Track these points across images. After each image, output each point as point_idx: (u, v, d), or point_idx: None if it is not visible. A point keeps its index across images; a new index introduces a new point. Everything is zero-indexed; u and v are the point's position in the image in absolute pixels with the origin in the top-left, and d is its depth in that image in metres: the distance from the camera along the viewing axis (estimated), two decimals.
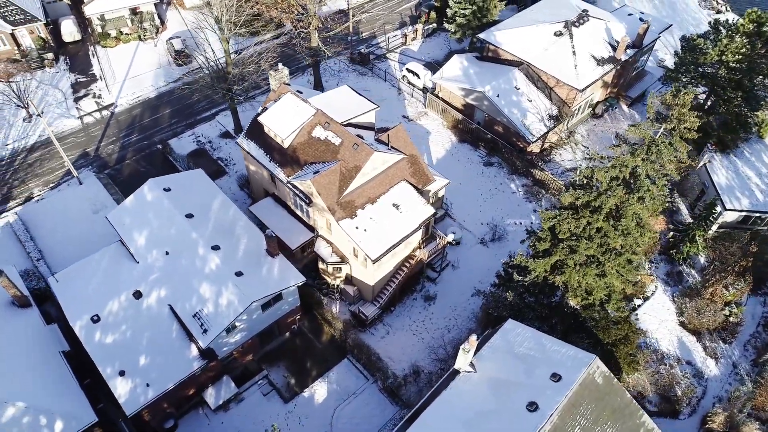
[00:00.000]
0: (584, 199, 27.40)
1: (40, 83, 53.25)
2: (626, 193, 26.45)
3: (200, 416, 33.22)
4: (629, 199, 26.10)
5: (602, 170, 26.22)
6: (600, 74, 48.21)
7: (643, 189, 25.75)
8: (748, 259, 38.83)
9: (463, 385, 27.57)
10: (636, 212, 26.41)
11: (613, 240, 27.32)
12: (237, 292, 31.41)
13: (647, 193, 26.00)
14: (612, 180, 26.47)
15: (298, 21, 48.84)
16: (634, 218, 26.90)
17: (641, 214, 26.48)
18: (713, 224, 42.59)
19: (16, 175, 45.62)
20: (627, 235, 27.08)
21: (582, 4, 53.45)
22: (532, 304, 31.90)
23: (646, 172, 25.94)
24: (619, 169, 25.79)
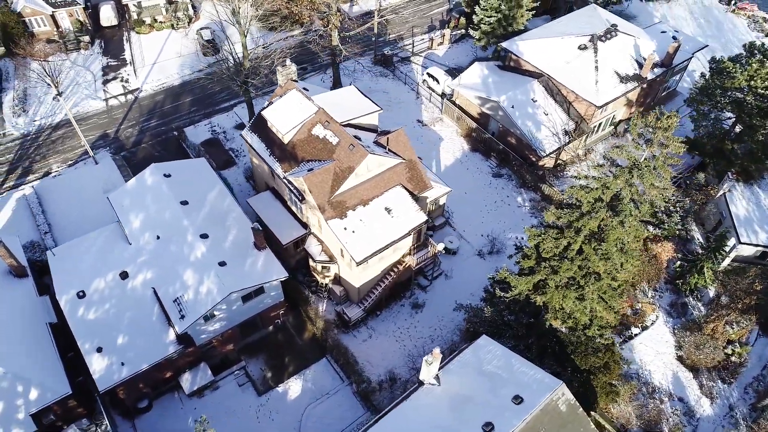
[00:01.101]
0: (566, 219, 26.49)
1: (73, 64, 55.50)
2: (610, 217, 25.40)
3: (175, 400, 33.85)
4: (611, 223, 25.06)
5: (584, 191, 25.26)
6: (622, 92, 46.58)
7: (624, 213, 24.65)
8: (751, 297, 36.71)
9: (425, 397, 27.14)
10: (619, 237, 25.34)
11: (593, 263, 26.29)
12: (217, 281, 31.85)
13: (629, 217, 24.87)
14: (596, 201, 25.47)
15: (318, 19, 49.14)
16: (618, 243, 25.82)
17: (623, 239, 25.37)
18: (725, 257, 40.52)
19: (38, 151, 47.64)
20: (607, 260, 26.01)
21: (614, 18, 51.74)
22: (510, 321, 31.10)
23: (629, 195, 24.82)
24: (601, 191, 24.79)
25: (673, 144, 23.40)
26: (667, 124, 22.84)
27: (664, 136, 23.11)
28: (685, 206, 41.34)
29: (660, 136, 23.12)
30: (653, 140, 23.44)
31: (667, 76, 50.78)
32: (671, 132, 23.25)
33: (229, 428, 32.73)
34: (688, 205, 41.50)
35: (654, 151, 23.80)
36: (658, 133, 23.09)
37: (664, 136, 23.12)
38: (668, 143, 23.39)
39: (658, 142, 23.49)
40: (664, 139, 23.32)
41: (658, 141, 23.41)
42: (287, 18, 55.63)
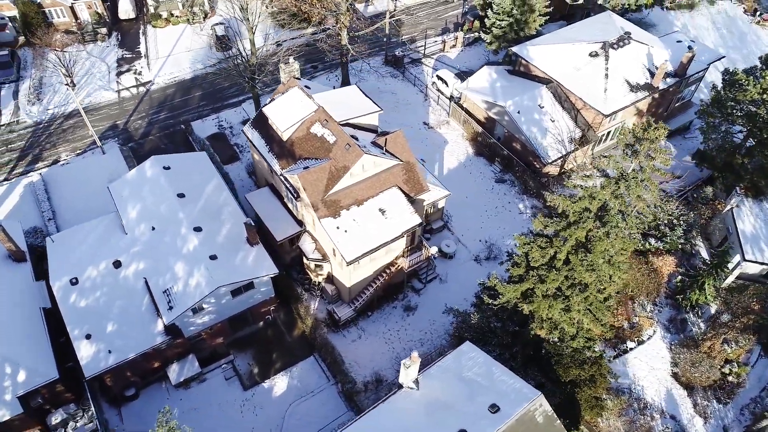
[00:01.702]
0: (553, 228, 26.05)
1: (89, 55, 56.56)
2: (597, 228, 24.91)
3: (162, 390, 34.21)
4: (598, 234, 24.56)
5: (570, 200, 24.80)
6: (632, 101, 45.71)
7: (610, 224, 24.12)
8: (749, 316, 35.67)
9: (402, 401, 26.95)
10: (605, 249, 24.82)
11: (579, 274, 25.81)
12: (207, 274, 32.09)
13: (614, 229, 24.33)
14: (584, 211, 25.00)
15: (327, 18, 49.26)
16: (605, 255, 25.29)
17: (609, 251, 24.83)
18: (729, 274, 39.47)
19: (49, 139, 48.63)
20: (592, 271, 25.50)
21: (628, 26, 50.80)
22: (496, 329, 30.71)
23: (617, 207, 24.29)
24: (588, 201, 24.31)
25: (660, 156, 22.81)
26: (654, 136, 22.29)
27: (650, 147, 22.54)
28: (689, 220, 40.36)
29: (646, 147, 22.57)
30: (640, 151, 22.90)
31: (681, 86, 49.65)
32: (658, 144, 22.66)
33: (213, 421, 32.98)
34: (692, 219, 40.51)
35: (641, 162, 23.23)
36: (645, 144, 22.53)
37: (651, 147, 22.55)
38: (655, 155, 22.81)
39: (645, 154, 22.92)
40: (651, 151, 22.73)
41: (645, 152, 22.86)
42: (296, 15, 55.85)
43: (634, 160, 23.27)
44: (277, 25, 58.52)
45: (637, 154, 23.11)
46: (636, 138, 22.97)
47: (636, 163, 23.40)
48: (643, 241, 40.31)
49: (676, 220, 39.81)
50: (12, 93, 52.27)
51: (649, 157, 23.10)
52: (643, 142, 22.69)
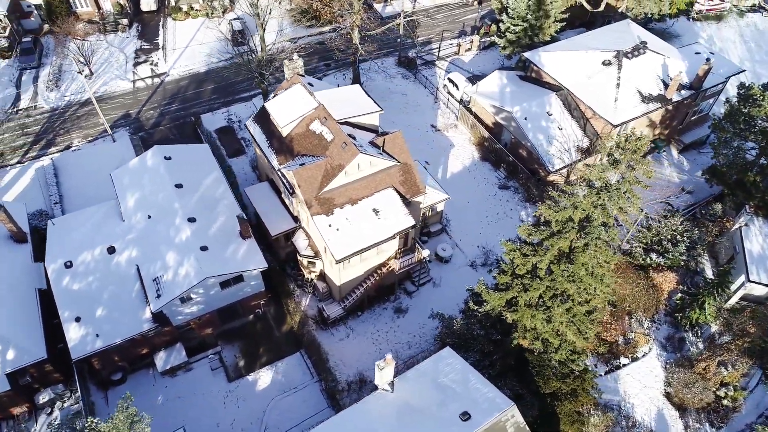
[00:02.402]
0: (536, 236, 25.59)
1: (109, 45, 57.80)
2: (579, 238, 24.36)
3: (149, 376, 34.71)
4: (579, 245, 24.02)
5: (553, 210, 24.30)
6: (643, 112, 44.69)
7: (591, 236, 23.55)
8: (744, 339, 34.48)
9: (375, 403, 26.81)
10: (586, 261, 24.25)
11: (560, 285, 25.29)
12: (196, 265, 32.45)
13: (596, 240, 23.75)
14: (567, 221, 24.48)
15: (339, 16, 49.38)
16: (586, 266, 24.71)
17: (590, 263, 24.25)
18: (732, 295, 38.26)
19: (63, 125, 49.84)
20: (573, 282, 24.95)
21: (646, 35, 49.67)
22: (479, 336, 30.31)
23: (600, 218, 23.70)
24: (571, 211, 23.78)
25: (641, 167, 22.17)
26: (636, 146, 21.68)
27: (631, 158, 21.93)
28: (693, 236, 39.23)
29: (628, 157, 21.96)
30: (621, 162, 22.30)
31: (697, 99, 48.33)
32: (640, 155, 22.04)
33: (196, 410, 33.34)
34: (697, 236, 39.37)
35: (623, 173, 22.64)
36: (626, 154, 21.94)
37: (632, 158, 21.93)
38: (636, 166, 22.19)
39: (627, 165, 22.32)
40: (633, 162, 22.12)
41: (626, 163, 22.26)
42: (305, 13, 56.19)
43: (616, 170, 22.69)
44: (294, 22, 59.02)
45: (618, 165, 22.51)
46: (618, 148, 22.38)
47: (618, 174, 22.81)
48: (645, 256, 39.35)
49: (680, 236, 38.73)
50: (32, 79, 53.75)
51: (630, 168, 22.46)
52: (624, 152, 22.10)
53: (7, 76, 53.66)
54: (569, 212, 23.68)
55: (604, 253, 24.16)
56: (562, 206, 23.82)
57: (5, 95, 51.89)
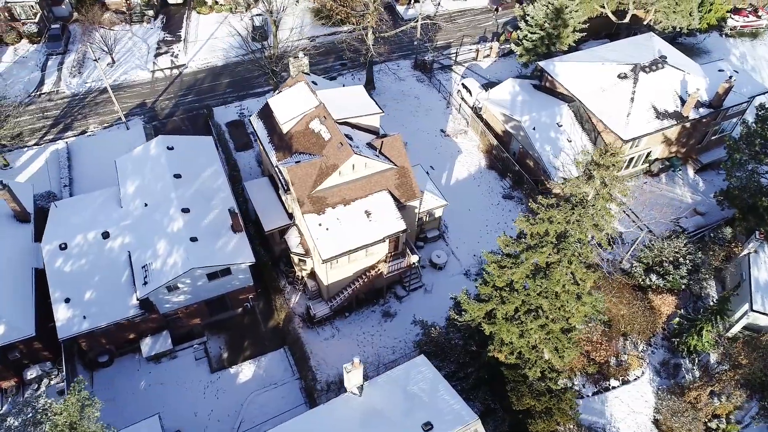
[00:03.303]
0: (512, 248, 25.04)
1: (133, 35, 59.22)
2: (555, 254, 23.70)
3: (134, 361, 35.32)
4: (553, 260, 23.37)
5: (529, 223, 23.71)
6: (656, 128, 43.35)
7: (566, 252, 22.86)
8: (737, 370, 32.99)
9: (341, 406, 26.68)
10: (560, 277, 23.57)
11: (534, 300, 24.68)
12: (184, 255, 32.88)
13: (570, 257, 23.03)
14: (544, 235, 23.86)
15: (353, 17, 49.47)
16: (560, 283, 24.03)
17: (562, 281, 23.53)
18: (734, 323, 36.74)
19: (82, 111, 51.25)
20: (546, 298, 24.29)
21: (669, 50, 48.13)
22: (456, 346, 29.83)
23: (577, 234, 23.00)
24: (547, 224, 23.15)
25: (615, 184, 21.40)
26: (610, 162, 20.94)
27: (605, 174, 21.19)
28: (696, 260, 37.79)
29: (602, 173, 21.23)
30: (595, 177, 21.59)
31: (717, 118, 46.62)
32: (614, 171, 21.28)
33: (176, 398, 33.76)
34: (700, 259, 37.92)
35: (598, 189, 21.91)
36: (600, 170, 21.21)
37: (606, 174, 21.19)
38: (611, 183, 21.43)
39: (601, 180, 21.58)
40: (607, 179, 21.37)
41: (600, 178, 21.53)
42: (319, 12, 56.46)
43: (591, 185, 21.97)
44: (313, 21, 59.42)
45: (593, 180, 21.79)
46: (594, 163, 21.68)
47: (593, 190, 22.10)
48: (645, 276, 38.14)
49: (683, 258, 37.38)
50: (57, 64, 55.45)
51: (604, 185, 21.71)
52: (599, 168, 21.38)
53: (34, 61, 55.50)
54: (545, 226, 23.06)
55: (580, 270, 23.43)
56: (538, 219, 23.22)
57: (30, 79, 53.67)
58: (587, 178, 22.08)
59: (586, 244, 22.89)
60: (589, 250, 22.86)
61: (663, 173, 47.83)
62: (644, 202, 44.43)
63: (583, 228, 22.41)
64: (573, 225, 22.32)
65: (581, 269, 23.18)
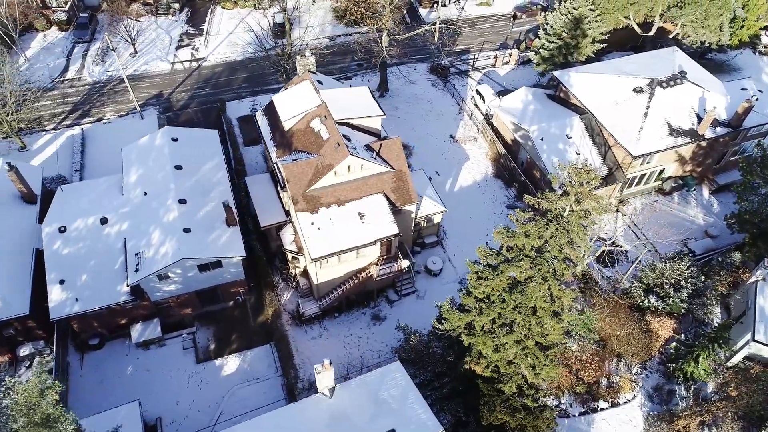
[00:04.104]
0: (491, 260, 24.58)
1: (158, 27, 60.49)
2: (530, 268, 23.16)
3: (124, 346, 35.98)
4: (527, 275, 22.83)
5: (506, 235, 23.20)
6: (668, 145, 42.05)
7: (542, 268, 22.28)
8: (728, 402, 31.63)
9: (311, 406, 26.68)
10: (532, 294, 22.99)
11: (509, 314, 24.16)
12: (175, 245, 33.36)
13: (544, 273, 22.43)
14: (521, 249, 23.33)
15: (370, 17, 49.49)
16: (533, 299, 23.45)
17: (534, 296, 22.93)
18: (735, 353, 35.33)
19: (101, 98, 52.59)
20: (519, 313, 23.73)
21: (692, 66, 46.63)
22: (435, 354, 29.46)
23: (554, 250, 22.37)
24: (522, 238, 22.62)
25: (589, 201, 20.73)
26: (585, 179, 20.29)
27: (579, 191, 20.55)
28: (699, 284, 36.47)
29: (576, 190, 20.60)
30: (570, 193, 20.96)
31: (737, 138, 44.96)
32: (588, 188, 20.61)
33: (160, 385, 34.25)
34: (702, 284, 36.57)
35: (573, 206, 21.26)
36: (574, 186, 20.58)
37: (579, 191, 20.54)
38: (584, 200, 20.77)
39: (575, 197, 20.94)
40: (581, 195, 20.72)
41: (574, 195, 20.89)
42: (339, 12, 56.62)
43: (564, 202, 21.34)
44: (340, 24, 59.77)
45: (567, 196, 21.17)
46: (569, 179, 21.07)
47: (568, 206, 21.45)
48: (644, 297, 37.02)
49: (684, 281, 36.13)
50: (82, 52, 57.03)
51: (577, 201, 21.05)
52: (573, 184, 20.75)
53: (60, 48, 57.23)
54: (521, 240, 22.54)
55: (555, 287, 22.80)
56: (515, 233, 22.70)
57: (55, 65, 55.35)
58: (562, 194, 21.49)
59: (561, 261, 22.26)
60: (564, 267, 22.22)
61: (676, 192, 46.37)
62: (653, 221, 43.14)
63: (557, 244, 21.78)
64: (550, 240, 21.74)
65: (556, 286, 22.55)
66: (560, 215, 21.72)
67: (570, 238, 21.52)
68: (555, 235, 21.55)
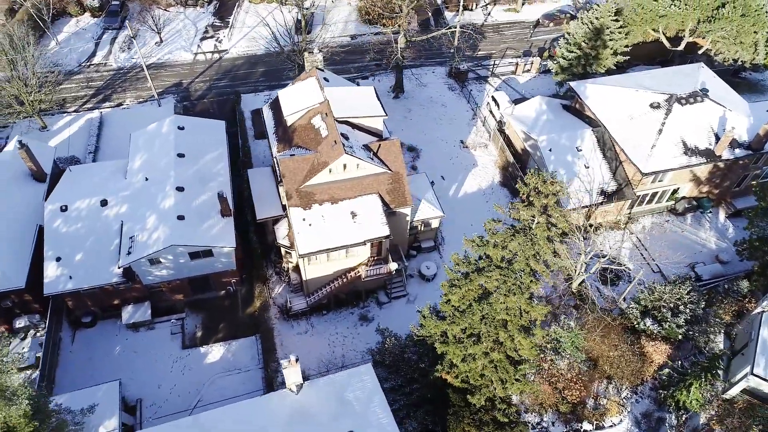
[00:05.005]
0: (461, 268, 24.10)
1: (185, 18, 61.77)
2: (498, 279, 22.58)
3: (115, 326, 36.82)
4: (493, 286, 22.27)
5: (476, 244, 22.68)
6: (681, 164, 40.52)
7: (508, 280, 21.69)
8: None
9: (276, 401, 26.74)
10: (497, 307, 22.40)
11: (476, 324, 23.63)
12: (167, 231, 33.93)
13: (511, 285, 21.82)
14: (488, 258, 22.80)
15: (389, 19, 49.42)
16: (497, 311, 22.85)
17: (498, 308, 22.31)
18: (733, 385, 33.74)
19: (123, 84, 54.01)
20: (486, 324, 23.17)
21: (716, 83, 44.84)
22: (410, 360, 29.09)
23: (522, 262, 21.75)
24: (490, 248, 22.07)
25: (554, 214, 20.02)
26: (549, 191, 19.62)
27: (543, 203, 19.86)
28: (698, 310, 35.00)
29: (541, 201, 19.93)
30: (535, 204, 20.30)
31: (759, 161, 42.98)
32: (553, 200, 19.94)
33: (144, 367, 34.92)
34: (702, 310, 35.08)
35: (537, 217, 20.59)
36: (540, 198, 19.91)
37: (543, 203, 19.86)
38: (551, 212, 20.07)
39: (540, 209, 20.26)
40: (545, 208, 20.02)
41: (540, 206, 20.21)
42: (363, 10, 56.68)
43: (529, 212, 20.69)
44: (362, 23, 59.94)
45: (532, 207, 20.51)
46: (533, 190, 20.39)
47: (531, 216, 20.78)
48: (640, 319, 35.74)
49: (683, 306, 34.74)
50: (111, 39, 58.70)
51: (541, 213, 20.35)
52: (538, 195, 20.07)
53: (91, 33, 59.07)
54: (489, 249, 22.02)
55: (523, 300, 22.15)
56: (484, 242, 22.18)
57: (84, 49, 57.14)
58: (526, 205, 20.88)
59: (527, 274, 21.59)
60: (530, 280, 21.55)
61: (689, 213, 44.65)
62: (661, 241, 41.67)
63: (524, 256, 21.15)
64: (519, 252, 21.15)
65: (524, 299, 21.90)
66: (528, 227, 21.11)
67: (536, 251, 20.86)
68: (522, 247, 20.94)
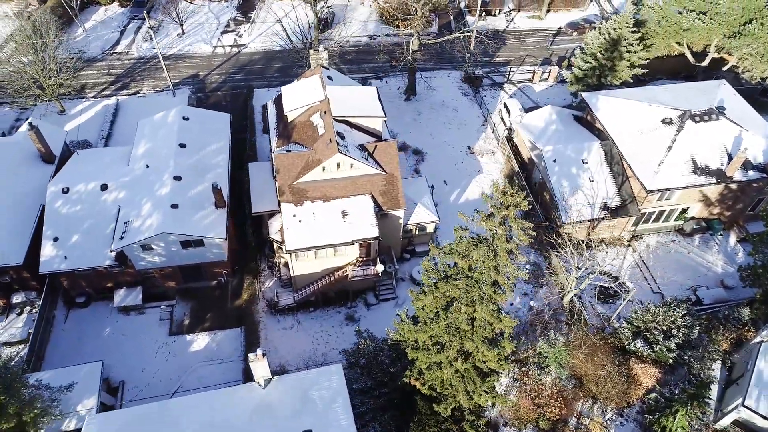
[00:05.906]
0: (431, 274, 23.77)
1: (210, 11, 62.84)
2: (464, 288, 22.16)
3: (107, 308, 37.62)
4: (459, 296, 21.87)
5: (442, 251, 22.31)
6: (689, 183, 39.16)
7: (470, 291, 21.25)
8: None
9: (242, 393, 26.90)
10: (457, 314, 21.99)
11: (440, 332, 23.27)
12: (160, 219, 34.52)
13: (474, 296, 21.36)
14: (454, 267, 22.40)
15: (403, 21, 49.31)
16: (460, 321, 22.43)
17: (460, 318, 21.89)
18: (725, 415, 32.45)
19: (142, 73, 55.27)
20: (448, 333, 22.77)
21: (737, 101, 43.26)
22: (381, 363, 28.87)
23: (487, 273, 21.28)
24: (457, 257, 21.67)
25: (515, 226, 19.48)
26: (511, 202, 19.11)
27: (504, 215, 19.36)
28: (691, 335, 33.73)
29: (502, 213, 19.42)
30: (496, 216, 19.79)
31: None
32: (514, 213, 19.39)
33: (131, 351, 35.56)
34: (694, 336, 33.79)
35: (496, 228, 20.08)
36: (501, 210, 19.41)
37: (504, 215, 19.35)
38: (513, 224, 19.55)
39: (500, 221, 19.74)
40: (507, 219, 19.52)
41: (501, 218, 19.70)
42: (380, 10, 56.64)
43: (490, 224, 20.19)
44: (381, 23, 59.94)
45: (493, 218, 20.01)
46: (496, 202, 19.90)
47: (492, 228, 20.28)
48: (631, 340, 34.67)
49: (676, 330, 33.55)
50: (135, 28, 60.15)
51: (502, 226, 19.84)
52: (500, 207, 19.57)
53: (117, 22, 60.69)
54: (456, 258, 21.64)
55: (487, 312, 21.68)
56: (450, 250, 21.80)
57: (109, 38, 58.74)
58: (487, 216, 20.39)
59: (489, 285, 21.09)
60: (493, 291, 21.07)
61: (697, 234, 43.09)
62: (664, 261, 40.38)
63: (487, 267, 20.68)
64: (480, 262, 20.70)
65: (488, 311, 21.42)
66: (493, 237, 20.65)
67: (497, 263, 20.39)
68: (484, 258, 20.50)
